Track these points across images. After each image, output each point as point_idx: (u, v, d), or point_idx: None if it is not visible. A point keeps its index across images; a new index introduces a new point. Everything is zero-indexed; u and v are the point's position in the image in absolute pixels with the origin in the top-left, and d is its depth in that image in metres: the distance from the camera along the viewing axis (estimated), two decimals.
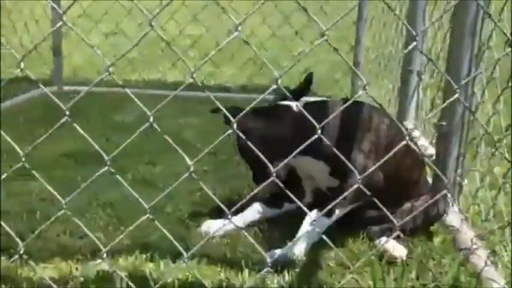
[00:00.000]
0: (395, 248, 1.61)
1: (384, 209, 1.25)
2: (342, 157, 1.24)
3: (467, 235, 1.69)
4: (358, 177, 1.19)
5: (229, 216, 1.25)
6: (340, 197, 1.39)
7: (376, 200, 1.23)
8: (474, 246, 1.62)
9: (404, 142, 1.14)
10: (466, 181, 1.84)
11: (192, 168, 1.10)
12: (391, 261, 1.59)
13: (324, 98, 2.13)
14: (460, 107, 1.88)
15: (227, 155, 2.45)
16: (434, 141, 2.01)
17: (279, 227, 1.81)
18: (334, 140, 1.66)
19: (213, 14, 3.97)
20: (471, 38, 1.85)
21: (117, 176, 1.20)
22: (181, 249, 1.25)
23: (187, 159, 1.11)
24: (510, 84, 1.49)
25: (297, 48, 4.53)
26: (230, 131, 1.12)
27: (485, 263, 1.51)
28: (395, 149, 1.22)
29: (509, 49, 1.61)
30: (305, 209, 1.32)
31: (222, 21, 3.88)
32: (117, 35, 4.38)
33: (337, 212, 1.66)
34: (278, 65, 4.00)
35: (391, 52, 3.22)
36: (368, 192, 1.23)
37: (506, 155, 1.51)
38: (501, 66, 1.64)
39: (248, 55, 4.13)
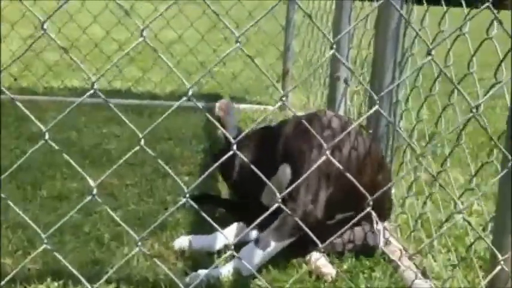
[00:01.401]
0: (326, 265, 1.55)
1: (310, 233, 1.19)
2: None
3: (396, 246, 1.67)
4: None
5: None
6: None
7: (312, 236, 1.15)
8: (404, 258, 1.60)
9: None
10: (393, 190, 1.83)
11: (94, 191, 0.98)
12: (321, 277, 1.54)
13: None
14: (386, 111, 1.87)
15: (153, 166, 2.35)
16: None
17: None
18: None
19: (139, 17, 3.83)
20: (394, 45, 1.85)
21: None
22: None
23: (90, 181, 0.98)
24: (433, 91, 1.49)
25: (225, 52, 4.46)
26: (231, 153, 1.03)
27: (416, 275, 1.49)
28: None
29: (430, 57, 1.61)
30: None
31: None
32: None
33: (273, 245, 1.56)
34: (206, 69, 3.92)
35: (319, 58, 3.22)
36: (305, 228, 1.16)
37: (431, 167, 1.50)
38: (425, 73, 1.63)
39: (175, 60, 4.02)
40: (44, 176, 2.18)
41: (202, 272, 1.49)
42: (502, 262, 1.02)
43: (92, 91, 0.99)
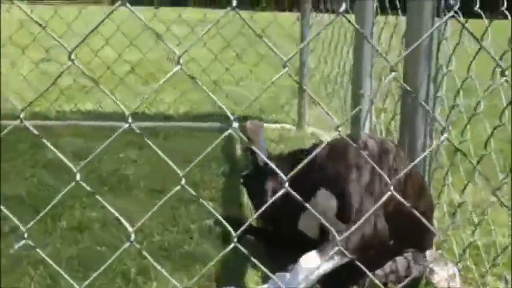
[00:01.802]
0: None
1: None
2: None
3: (443, 276, 1.57)
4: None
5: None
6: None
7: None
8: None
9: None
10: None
11: (132, 237, 0.89)
12: None
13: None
14: (421, 136, 1.78)
15: (176, 193, 2.26)
16: None
17: None
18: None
19: (150, 37, 3.78)
20: (427, 59, 1.76)
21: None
22: None
23: (130, 228, 0.90)
24: (477, 110, 1.40)
25: (238, 72, 4.40)
26: (283, 191, 0.94)
27: None
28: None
29: (501, 80, 1.53)
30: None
31: (159, 45, 3.69)
32: (48, 62, 4.13)
33: (337, 260, 1.44)
34: (220, 89, 3.85)
35: (338, 75, 3.14)
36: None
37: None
38: (466, 88, 1.55)
39: (189, 80, 3.95)
40: (63, 206, 2.10)
41: None
42: None
43: (127, 124, 0.90)
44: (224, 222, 1.01)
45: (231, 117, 0.92)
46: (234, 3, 0.84)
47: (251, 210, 2.14)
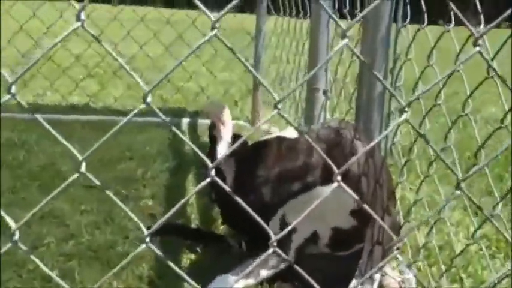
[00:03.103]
0: None
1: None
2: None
3: (395, 278, 1.45)
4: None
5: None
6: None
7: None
8: None
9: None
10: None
11: (16, 235, 0.71)
12: None
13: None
14: (376, 129, 1.66)
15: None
16: None
17: None
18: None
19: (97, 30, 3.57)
20: (384, 50, 1.65)
21: None
22: None
23: (11, 222, 0.72)
24: (439, 102, 1.29)
25: (191, 66, 4.24)
26: (208, 180, 0.75)
27: None
28: None
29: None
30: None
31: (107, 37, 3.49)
32: None
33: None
34: (172, 84, 3.68)
35: (292, 71, 3.02)
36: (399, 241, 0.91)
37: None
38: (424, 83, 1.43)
39: (137, 73, 3.75)
40: None
41: None
42: None
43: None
44: (131, 214, 0.84)
45: (147, 91, 0.76)
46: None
47: (194, 208, 1.99)
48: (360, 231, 1.36)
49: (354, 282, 1.29)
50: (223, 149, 1.49)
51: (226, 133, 1.48)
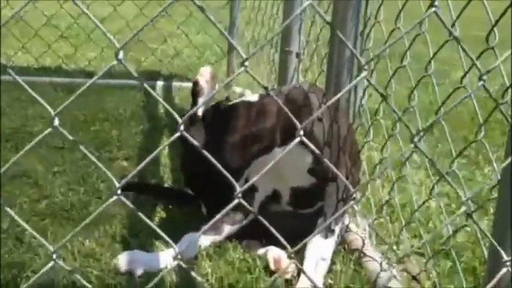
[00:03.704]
0: (286, 261, 1.35)
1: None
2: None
3: (358, 234, 1.51)
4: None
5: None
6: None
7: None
8: (366, 248, 1.44)
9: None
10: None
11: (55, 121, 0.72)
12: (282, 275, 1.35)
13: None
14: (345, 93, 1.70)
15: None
16: None
17: None
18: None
19: None
20: (355, 12, 1.67)
21: None
22: None
23: None
24: (404, 63, 1.32)
25: (166, 28, 4.19)
26: (177, 135, 0.77)
27: (381, 267, 1.33)
28: None
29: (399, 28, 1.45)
30: (283, 241, 0.89)
31: None
32: None
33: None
34: (145, 46, 3.64)
35: (267, 34, 3.01)
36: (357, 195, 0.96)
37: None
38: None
39: (111, 36, 3.70)
40: None
41: None
42: (508, 263, 0.86)
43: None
44: (103, 168, 0.86)
45: (118, 47, 0.77)
46: None
47: (167, 168, 2.01)
48: (321, 189, 1.41)
49: (316, 236, 1.34)
50: (203, 105, 1.50)
51: (208, 90, 1.49)
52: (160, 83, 3.34)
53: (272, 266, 1.37)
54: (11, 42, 3.57)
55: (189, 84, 3.35)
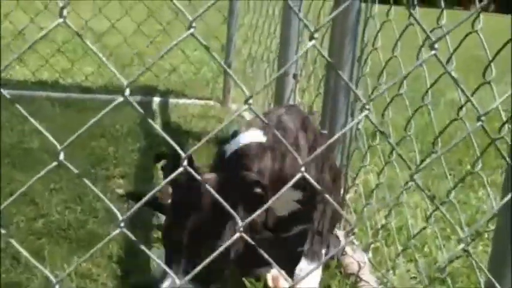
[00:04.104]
0: (284, 283, 1.37)
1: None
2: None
3: (354, 258, 1.52)
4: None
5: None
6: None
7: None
8: (362, 273, 1.45)
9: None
10: (347, 196, 1.68)
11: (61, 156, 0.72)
12: None
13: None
14: (342, 115, 1.72)
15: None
16: None
17: None
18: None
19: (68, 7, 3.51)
20: (353, 38, 1.70)
21: None
22: None
23: None
24: (401, 91, 1.34)
25: (163, 44, 4.21)
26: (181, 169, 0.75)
27: None
28: None
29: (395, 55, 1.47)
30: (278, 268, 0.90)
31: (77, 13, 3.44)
32: None
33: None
34: (143, 62, 3.66)
35: (264, 52, 3.04)
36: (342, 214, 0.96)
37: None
38: (389, 71, 1.49)
39: (108, 51, 3.74)
40: None
41: None
42: None
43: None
44: (104, 199, 0.86)
45: (126, 84, 0.78)
46: None
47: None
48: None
49: (303, 261, 1.35)
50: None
51: None
52: (157, 99, 3.36)
53: (271, 284, 1.38)
54: (7, 55, 3.58)
55: (186, 101, 3.41)
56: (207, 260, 0.83)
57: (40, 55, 3.54)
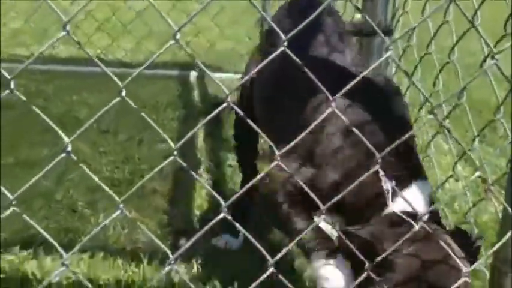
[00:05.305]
0: None
1: None
2: None
3: None
4: None
5: (225, 210, 0.86)
6: None
7: None
8: None
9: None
10: None
11: (69, 147, 0.83)
12: None
13: None
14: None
15: (127, 134, 2.23)
16: None
17: None
18: None
19: None
20: (385, 1, 1.75)
21: None
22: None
23: (65, 137, 0.85)
24: (430, 50, 1.40)
25: (200, 21, 4.31)
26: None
27: None
28: None
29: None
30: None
31: None
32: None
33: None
34: (181, 38, 3.76)
35: None
36: None
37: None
38: (419, 33, 1.55)
39: (147, 28, 3.86)
40: (8, 143, 2.03)
41: None
42: None
43: None
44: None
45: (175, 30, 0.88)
46: None
47: (204, 152, 2.13)
48: None
49: None
50: None
51: None
52: (194, 74, 3.48)
53: None
54: (53, 35, 3.74)
55: (222, 75, 3.51)
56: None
57: (83, 32, 3.69)
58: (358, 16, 1.82)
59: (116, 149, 2.07)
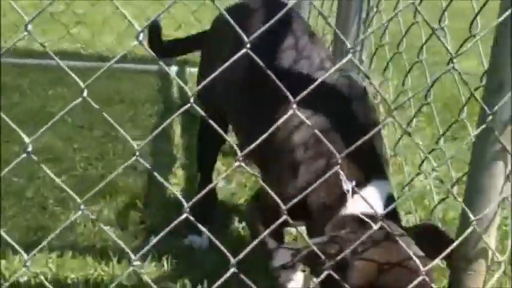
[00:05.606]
0: None
1: None
2: None
3: None
4: None
5: (187, 210, 0.89)
6: None
7: None
8: None
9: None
10: None
11: (29, 148, 0.83)
12: None
13: None
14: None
15: (103, 130, 2.21)
16: None
17: None
18: None
19: None
20: (359, 1, 1.76)
21: None
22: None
23: (25, 137, 0.84)
24: (400, 49, 1.42)
25: (182, 18, 4.29)
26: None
27: None
28: None
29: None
30: None
31: None
32: None
33: None
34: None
35: None
36: None
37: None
38: (391, 32, 1.56)
39: (127, 23, 3.82)
40: None
41: None
42: (474, 223, 0.97)
43: None
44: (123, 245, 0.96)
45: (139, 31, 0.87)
46: None
47: (180, 148, 2.12)
48: None
49: None
50: None
51: None
52: (174, 68, 3.45)
53: None
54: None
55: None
56: None
57: (62, 26, 3.65)
58: None
59: (91, 145, 2.06)
